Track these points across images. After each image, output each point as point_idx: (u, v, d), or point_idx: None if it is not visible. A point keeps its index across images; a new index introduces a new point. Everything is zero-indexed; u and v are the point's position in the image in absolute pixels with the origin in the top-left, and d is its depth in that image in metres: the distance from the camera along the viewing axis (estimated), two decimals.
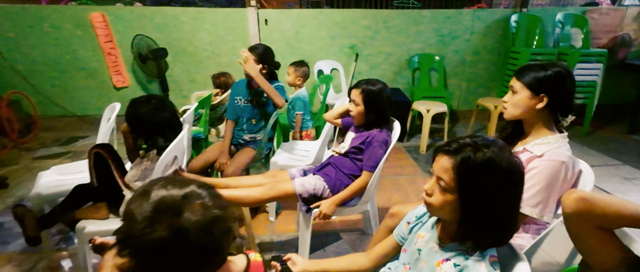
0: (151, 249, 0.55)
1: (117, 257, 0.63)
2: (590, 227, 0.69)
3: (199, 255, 0.58)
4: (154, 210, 0.55)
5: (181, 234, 0.55)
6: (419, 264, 0.82)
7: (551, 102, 1.08)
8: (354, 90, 1.48)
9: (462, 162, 0.70)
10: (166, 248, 0.55)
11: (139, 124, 1.35)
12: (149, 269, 0.58)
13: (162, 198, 0.57)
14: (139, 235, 0.54)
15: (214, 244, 0.60)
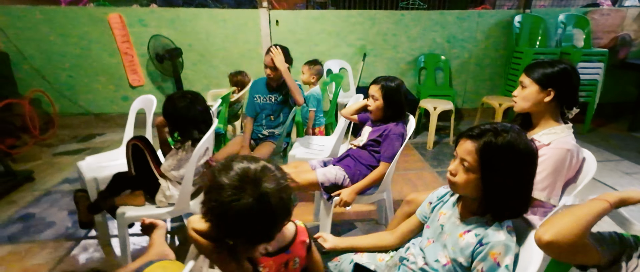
0: (238, 213, 0.65)
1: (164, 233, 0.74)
2: (568, 254, 0.72)
3: (274, 217, 0.69)
4: (240, 180, 0.66)
5: (263, 200, 0.66)
6: (442, 237, 0.93)
7: (558, 95, 1.19)
8: (374, 86, 1.58)
9: (485, 145, 0.81)
10: (250, 212, 0.66)
11: (176, 117, 1.46)
12: (231, 231, 0.68)
13: (245, 170, 0.68)
14: (229, 201, 0.65)
15: (285, 208, 0.71)
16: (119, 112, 3.83)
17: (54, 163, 2.96)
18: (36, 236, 1.99)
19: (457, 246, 0.87)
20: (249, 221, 0.67)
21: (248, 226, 0.67)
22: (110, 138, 3.57)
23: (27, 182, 2.59)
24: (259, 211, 0.66)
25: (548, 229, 0.69)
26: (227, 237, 0.74)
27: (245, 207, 0.65)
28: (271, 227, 0.71)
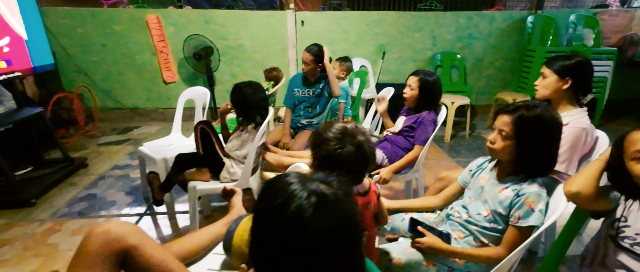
0: (342, 157, 0.88)
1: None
2: (590, 201, 0.93)
3: (366, 162, 0.92)
4: (341, 134, 0.89)
5: (359, 147, 0.89)
6: (483, 195, 1.15)
7: (574, 83, 1.41)
8: (412, 77, 1.80)
9: (519, 117, 1.03)
10: (350, 157, 0.88)
11: (242, 102, 1.69)
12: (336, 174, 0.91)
13: (344, 127, 0.91)
14: (335, 149, 0.88)
15: (372, 155, 0.94)
16: (153, 107, 4.10)
17: (100, 152, 3.22)
18: (102, 212, 2.23)
19: (496, 200, 1.09)
20: (350, 164, 0.89)
21: (349, 169, 0.90)
22: (147, 130, 3.83)
23: (82, 167, 2.85)
24: (356, 156, 0.89)
25: (573, 183, 0.92)
26: None
27: (348, 153, 0.88)
28: (364, 170, 0.93)
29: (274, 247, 0.52)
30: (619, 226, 0.90)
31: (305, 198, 0.50)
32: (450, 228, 1.20)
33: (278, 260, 0.53)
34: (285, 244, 0.51)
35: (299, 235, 0.50)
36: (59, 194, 2.45)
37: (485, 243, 1.11)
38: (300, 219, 0.49)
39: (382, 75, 4.05)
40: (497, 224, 1.09)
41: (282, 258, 0.52)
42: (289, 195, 0.51)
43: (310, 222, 0.49)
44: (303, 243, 0.50)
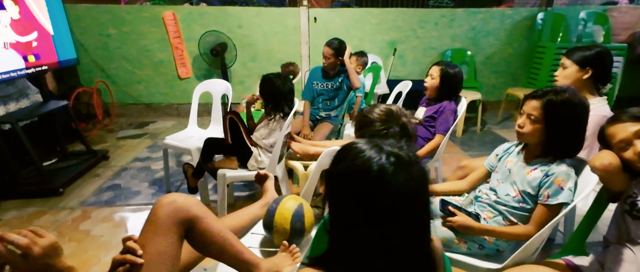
0: (389, 137, 0.94)
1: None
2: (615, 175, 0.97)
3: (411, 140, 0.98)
4: (386, 115, 0.95)
5: (404, 128, 0.95)
6: (511, 177, 1.21)
7: (594, 73, 1.46)
8: (435, 67, 1.86)
9: (548, 101, 1.08)
10: (396, 138, 0.95)
11: (272, 92, 1.76)
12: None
13: (388, 109, 0.97)
14: (380, 130, 0.94)
15: (415, 136, 1.00)
16: (168, 103, 4.17)
17: (120, 145, 3.29)
18: (128, 201, 2.31)
19: (525, 181, 1.14)
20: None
21: None
22: (163, 125, 3.91)
23: (104, 159, 2.92)
24: (401, 136, 0.95)
25: (604, 156, 0.98)
26: None
27: (394, 133, 0.94)
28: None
29: (353, 210, 0.57)
30: (631, 201, 0.96)
31: (385, 159, 0.56)
32: (478, 209, 1.25)
33: (355, 225, 0.57)
34: (366, 205, 0.55)
35: (382, 193, 0.54)
36: (84, 184, 2.52)
37: (514, 222, 1.16)
38: (384, 177, 0.54)
39: (393, 72, 4.10)
40: (525, 204, 1.15)
41: (360, 223, 0.56)
42: (369, 157, 0.56)
43: (392, 179, 0.54)
44: (384, 203, 0.54)
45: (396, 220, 0.56)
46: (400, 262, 0.57)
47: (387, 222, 0.56)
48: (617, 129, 0.99)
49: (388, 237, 0.57)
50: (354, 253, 0.59)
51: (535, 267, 1.02)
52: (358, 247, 0.58)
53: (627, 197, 1.00)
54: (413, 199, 0.56)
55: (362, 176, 0.56)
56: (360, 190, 0.56)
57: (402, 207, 0.55)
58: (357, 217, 0.57)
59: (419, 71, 4.15)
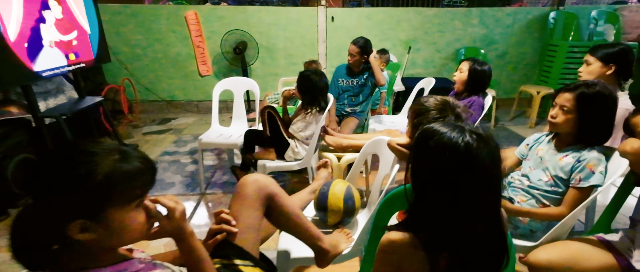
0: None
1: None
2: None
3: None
4: (442, 105, 1.07)
5: (459, 117, 1.06)
6: (543, 164, 1.31)
7: (617, 69, 1.56)
8: (465, 62, 1.96)
9: (581, 93, 1.19)
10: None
11: (309, 88, 1.87)
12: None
13: (444, 99, 1.08)
14: (437, 118, 1.05)
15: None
16: (188, 99, 4.30)
17: (147, 140, 3.42)
18: (164, 192, 2.43)
19: (557, 166, 1.25)
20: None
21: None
22: (184, 121, 4.03)
23: None
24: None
25: (628, 144, 1.08)
26: None
27: (449, 121, 1.05)
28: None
29: (440, 183, 0.67)
30: None
31: (469, 136, 0.66)
32: (512, 194, 1.36)
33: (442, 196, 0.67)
34: (454, 178, 0.65)
35: (469, 166, 0.64)
36: None
37: (547, 204, 1.27)
38: (470, 152, 0.65)
39: (407, 70, 4.20)
40: (557, 188, 1.26)
41: (447, 194, 0.66)
42: (454, 136, 0.67)
43: (477, 153, 0.65)
44: (471, 175, 0.65)
45: (479, 189, 0.66)
46: (478, 227, 0.69)
47: (472, 192, 0.67)
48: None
49: (471, 206, 0.67)
50: (440, 221, 0.69)
51: (569, 243, 1.13)
52: (443, 215, 0.69)
53: None
54: (493, 169, 0.67)
55: (451, 151, 0.66)
56: (450, 164, 0.66)
57: (485, 178, 0.66)
58: (444, 188, 0.68)
59: (433, 69, 4.26)
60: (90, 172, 0.58)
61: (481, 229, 0.69)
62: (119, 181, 0.60)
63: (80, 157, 0.59)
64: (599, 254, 1.06)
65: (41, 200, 0.60)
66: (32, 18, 2.14)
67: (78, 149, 0.61)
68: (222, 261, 0.86)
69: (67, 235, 0.58)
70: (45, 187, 0.58)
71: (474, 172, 0.66)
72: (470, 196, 0.67)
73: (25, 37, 2.08)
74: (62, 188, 0.58)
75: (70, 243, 0.60)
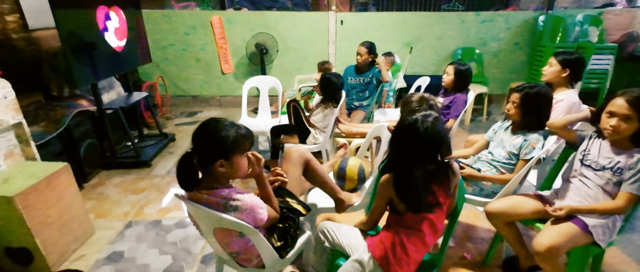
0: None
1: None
2: (562, 132, 1.60)
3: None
4: (420, 99, 1.53)
5: (432, 108, 1.53)
6: (502, 143, 1.77)
7: (571, 72, 2.00)
8: (449, 66, 2.40)
9: (525, 93, 1.64)
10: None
11: (329, 86, 2.35)
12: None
13: (421, 96, 1.54)
14: (416, 108, 1.51)
15: (439, 111, 1.58)
16: (211, 95, 4.79)
17: (180, 130, 3.93)
18: None
19: (511, 145, 1.71)
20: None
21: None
22: (209, 114, 4.53)
23: (172, 141, 3.56)
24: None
25: (552, 121, 1.54)
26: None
27: (425, 110, 1.52)
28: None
29: (409, 144, 1.14)
30: (584, 153, 1.51)
31: (425, 117, 1.13)
32: (480, 166, 1.83)
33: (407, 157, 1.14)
34: (418, 145, 1.12)
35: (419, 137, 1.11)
36: (164, 159, 3.16)
37: (503, 172, 1.74)
38: (419, 128, 1.11)
39: (409, 68, 4.64)
40: (511, 160, 1.72)
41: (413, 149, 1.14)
42: (417, 119, 1.13)
43: (420, 127, 1.10)
44: (427, 143, 1.12)
45: (431, 146, 1.14)
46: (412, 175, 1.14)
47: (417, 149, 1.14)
48: (614, 101, 1.38)
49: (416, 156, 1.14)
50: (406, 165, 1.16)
51: (514, 196, 1.59)
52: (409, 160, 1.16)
53: (583, 150, 1.54)
54: (430, 139, 1.12)
55: (408, 127, 1.13)
56: (406, 132, 1.13)
57: (425, 142, 1.12)
58: (403, 145, 1.15)
59: (433, 67, 4.69)
60: (227, 135, 1.06)
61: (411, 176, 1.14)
62: (239, 140, 1.09)
63: (219, 127, 1.08)
64: (533, 202, 1.53)
65: (199, 149, 1.08)
66: (101, 28, 2.64)
67: (216, 123, 1.10)
68: (279, 198, 1.34)
69: (210, 168, 1.07)
70: (202, 143, 1.07)
71: (418, 137, 1.12)
72: (416, 150, 1.14)
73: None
74: (212, 143, 1.06)
75: (210, 173, 1.09)
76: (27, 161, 1.96)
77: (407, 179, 1.14)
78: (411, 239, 1.17)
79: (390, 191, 1.18)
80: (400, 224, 1.20)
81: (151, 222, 2.22)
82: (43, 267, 1.75)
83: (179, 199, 1.12)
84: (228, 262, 1.33)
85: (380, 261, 1.17)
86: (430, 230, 1.19)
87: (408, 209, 1.18)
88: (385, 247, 1.19)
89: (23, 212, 1.61)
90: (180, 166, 1.11)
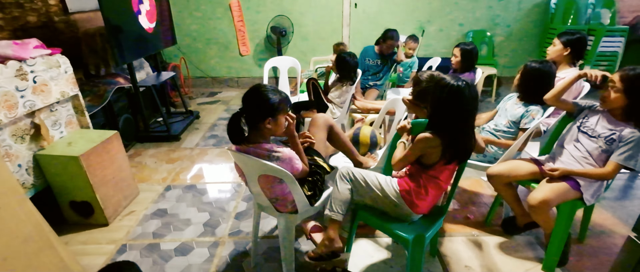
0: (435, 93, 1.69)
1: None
2: (555, 102, 1.77)
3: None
4: (430, 76, 1.72)
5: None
6: (506, 113, 1.96)
7: (572, 51, 2.15)
8: (456, 48, 2.56)
9: (526, 70, 1.82)
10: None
11: (345, 65, 2.54)
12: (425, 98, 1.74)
13: (430, 73, 1.73)
14: (426, 85, 1.71)
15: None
16: (229, 76, 5.02)
17: (202, 109, 4.18)
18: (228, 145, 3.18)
19: (512, 113, 1.90)
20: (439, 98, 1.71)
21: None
22: (228, 94, 4.77)
23: (196, 118, 3.82)
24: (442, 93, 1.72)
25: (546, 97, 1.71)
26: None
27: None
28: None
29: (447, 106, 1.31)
30: (582, 120, 1.69)
31: (460, 82, 1.31)
32: (483, 134, 2.03)
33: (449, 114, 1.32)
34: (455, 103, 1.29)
35: (460, 96, 1.28)
36: (191, 134, 3.43)
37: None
38: (461, 89, 1.27)
39: (423, 49, 4.77)
40: (511, 128, 1.91)
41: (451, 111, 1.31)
42: (454, 82, 1.31)
43: (463, 91, 1.27)
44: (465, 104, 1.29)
45: (464, 110, 1.32)
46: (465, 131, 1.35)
47: (460, 111, 1.32)
48: (613, 75, 1.51)
49: (459, 118, 1.33)
50: (445, 125, 1.34)
51: (512, 161, 1.80)
52: (447, 122, 1.34)
53: (582, 117, 1.71)
54: (472, 101, 1.32)
55: (451, 89, 1.30)
56: (450, 95, 1.31)
57: (467, 104, 1.31)
58: (448, 108, 1.32)
59: (444, 49, 4.81)
60: (274, 98, 1.29)
61: (464, 131, 1.36)
62: (283, 102, 1.31)
63: (267, 91, 1.31)
64: (529, 166, 1.73)
65: (250, 110, 1.31)
66: (135, 11, 2.86)
67: (265, 88, 1.32)
68: (308, 157, 1.57)
69: (258, 126, 1.31)
70: (254, 104, 1.30)
71: (461, 100, 1.31)
72: (459, 113, 1.33)
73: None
74: (263, 104, 1.29)
75: (257, 129, 1.33)
76: (82, 129, 2.23)
77: (460, 135, 1.34)
78: (430, 184, 1.41)
79: (431, 147, 1.35)
80: (422, 173, 1.42)
81: (187, 186, 2.49)
82: (101, 219, 2.04)
83: (229, 151, 1.37)
84: (265, 209, 1.58)
85: (403, 193, 1.43)
86: (446, 178, 1.43)
87: (448, 161, 1.37)
88: (410, 186, 1.43)
89: (87, 170, 1.88)
90: (231, 124, 1.34)
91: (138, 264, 1.16)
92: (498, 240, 1.91)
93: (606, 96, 1.54)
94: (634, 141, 1.47)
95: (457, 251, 1.83)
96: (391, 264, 1.74)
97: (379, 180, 1.49)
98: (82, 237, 1.97)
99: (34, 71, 1.84)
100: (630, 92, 1.47)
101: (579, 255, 1.80)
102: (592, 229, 1.97)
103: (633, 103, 1.48)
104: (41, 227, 1.43)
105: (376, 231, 1.95)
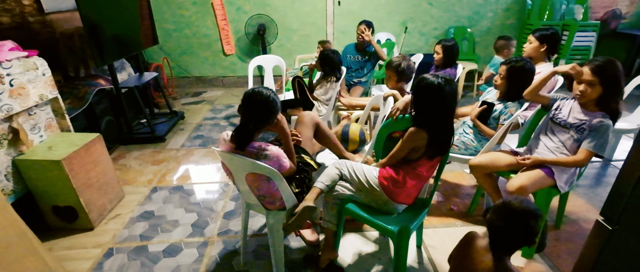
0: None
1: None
2: (533, 96, 1.86)
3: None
4: (401, 58, 1.77)
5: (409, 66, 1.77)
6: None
7: (547, 47, 2.24)
8: (437, 45, 2.62)
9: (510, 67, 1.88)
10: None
11: (329, 63, 2.57)
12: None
13: (401, 56, 1.78)
14: (397, 64, 1.75)
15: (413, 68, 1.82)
16: (214, 75, 4.97)
17: (186, 109, 4.13)
18: (214, 145, 3.17)
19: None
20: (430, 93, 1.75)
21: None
22: (213, 94, 4.73)
23: (181, 118, 3.77)
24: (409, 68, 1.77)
25: (525, 93, 1.79)
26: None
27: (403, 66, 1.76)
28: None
29: (430, 102, 1.38)
30: (555, 112, 1.77)
31: (440, 80, 1.36)
32: (464, 128, 2.10)
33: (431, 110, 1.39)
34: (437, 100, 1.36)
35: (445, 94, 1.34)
36: (176, 135, 3.39)
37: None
38: (441, 86, 1.35)
39: (404, 47, 4.85)
40: (492, 123, 1.98)
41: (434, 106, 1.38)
42: (434, 79, 1.36)
43: (443, 87, 1.35)
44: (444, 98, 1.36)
45: (444, 105, 1.38)
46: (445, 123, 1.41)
47: (440, 106, 1.38)
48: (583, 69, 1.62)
49: (440, 112, 1.39)
50: (428, 118, 1.41)
51: (492, 152, 1.87)
52: (432, 116, 1.40)
53: (555, 109, 1.79)
54: (451, 97, 1.37)
55: (432, 86, 1.37)
56: (431, 92, 1.37)
57: (446, 99, 1.37)
58: (429, 104, 1.39)
59: (426, 46, 4.90)
60: (277, 99, 1.32)
61: (445, 125, 1.42)
62: (277, 103, 1.33)
63: (267, 94, 1.32)
64: (508, 157, 1.80)
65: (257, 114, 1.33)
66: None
67: (264, 92, 1.34)
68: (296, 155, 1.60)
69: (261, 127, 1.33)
70: (259, 108, 1.32)
71: (441, 97, 1.37)
72: (441, 109, 1.40)
73: None
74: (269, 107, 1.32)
75: (257, 130, 1.35)
76: (63, 132, 2.18)
77: (442, 128, 1.41)
78: (410, 175, 1.47)
79: (420, 140, 1.42)
80: (404, 165, 1.49)
81: (174, 188, 2.47)
82: (86, 223, 2.00)
83: (216, 151, 1.37)
84: (254, 208, 1.60)
85: (381, 179, 1.50)
86: (427, 169, 1.48)
87: (431, 156, 1.44)
88: (389, 174, 1.50)
89: (69, 174, 1.85)
90: (240, 133, 1.35)
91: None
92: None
93: (583, 91, 1.62)
94: (602, 129, 1.56)
95: (442, 242, 1.89)
96: (379, 257, 1.79)
97: (364, 168, 1.57)
98: (67, 243, 1.93)
99: (10, 74, 1.79)
100: (604, 81, 1.56)
101: (556, 240, 1.89)
102: (568, 216, 2.07)
103: (606, 90, 1.57)
104: (24, 233, 1.40)
105: (364, 226, 2.00)
